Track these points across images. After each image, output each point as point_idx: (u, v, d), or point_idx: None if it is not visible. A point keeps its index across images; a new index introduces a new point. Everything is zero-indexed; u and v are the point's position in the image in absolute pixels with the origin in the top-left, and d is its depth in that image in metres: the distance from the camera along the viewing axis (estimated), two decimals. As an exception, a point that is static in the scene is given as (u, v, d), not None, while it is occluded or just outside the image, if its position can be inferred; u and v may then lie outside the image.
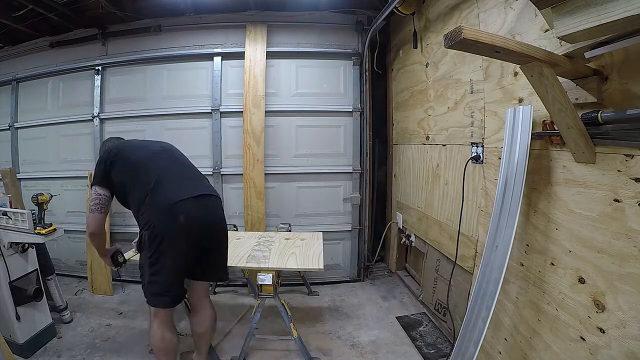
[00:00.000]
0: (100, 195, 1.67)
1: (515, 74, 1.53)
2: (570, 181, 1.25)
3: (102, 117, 3.10)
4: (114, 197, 1.75)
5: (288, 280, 3.04)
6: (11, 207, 2.36)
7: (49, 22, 3.07)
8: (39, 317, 2.16)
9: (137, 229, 3.27)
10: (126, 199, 1.71)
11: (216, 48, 3.03)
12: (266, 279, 1.87)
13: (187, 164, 1.84)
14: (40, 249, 2.28)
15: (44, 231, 2.02)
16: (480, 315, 1.51)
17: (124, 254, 1.92)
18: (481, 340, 1.46)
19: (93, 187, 1.68)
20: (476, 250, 1.88)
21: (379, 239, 3.39)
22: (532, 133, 1.40)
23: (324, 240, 2.27)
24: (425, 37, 2.47)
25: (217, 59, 3.01)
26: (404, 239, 2.96)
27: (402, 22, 2.87)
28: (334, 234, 3.13)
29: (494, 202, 1.57)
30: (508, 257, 1.43)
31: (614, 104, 1.07)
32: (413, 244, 2.82)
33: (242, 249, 2.12)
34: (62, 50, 3.20)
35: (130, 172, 1.65)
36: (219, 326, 1.88)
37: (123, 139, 1.98)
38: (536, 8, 1.16)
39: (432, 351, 2.07)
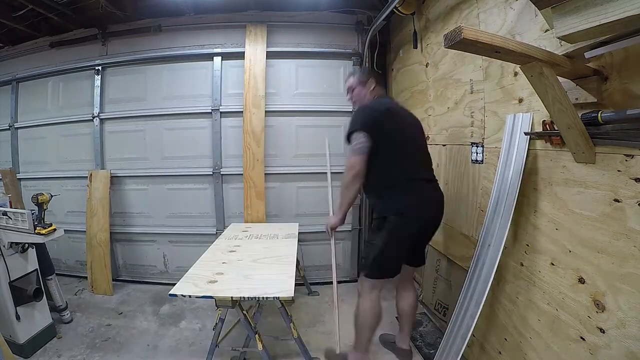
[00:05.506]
0: (364, 143, 1.65)
1: (515, 74, 1.53)
2: (570, 181, 1.25)
3: (102, 117, 3.10)
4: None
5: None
6: (11, 207, 2.37)
7: (49, 22, 3.07)
8: (39, 317, 2.16)
9: (136, 229, 3.25)
10: (373, 165, 1.69)
11: (216, 48, 3.02)
12: None
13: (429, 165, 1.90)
14: (40, 249, 2.28)
15: (44, 231, 2.02)
16: (469, 311, 1.53)
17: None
18: (469, 335, 1.48)
19: (357, 132, 1.67)
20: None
21: (379, 239, 3.38)
22: (532, 133, 1.40)
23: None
24: (425, 37, 2.47)
25: (217, 59, 3.01)
26: (404, 239, 2.95)
27: (402, 22, 2.87)
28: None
29: (488, 205, 1.60)
30: (499, 256, 1.46)
31: (614, 104, 1.07)
32: (413, 244, 2.82)
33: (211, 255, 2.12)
34: (62, 50, 3.19)
35: (397, 146, 1.70)
36: (218, 327, 1.88)
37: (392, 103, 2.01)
38: (536, 8, 1.16)
39: (432, 351, 2.07)
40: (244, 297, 1.63)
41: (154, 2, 2.86)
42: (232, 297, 1.62)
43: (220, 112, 3.02)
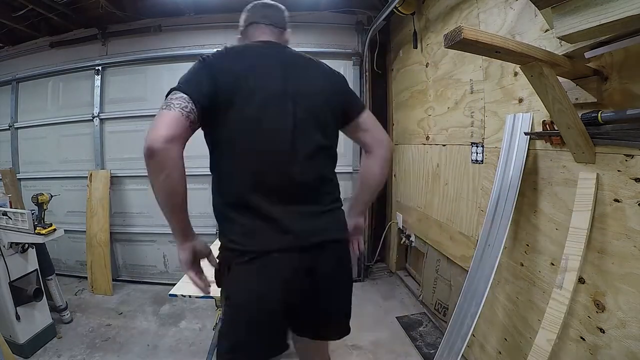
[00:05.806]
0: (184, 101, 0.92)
1: (515, 74, 1.53)
2: (570, 181, 1.25)
3: (102, 117, 3.10)
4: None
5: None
6: (11, 207, 2.36)
7: (49, 22, 3.06)
8: (39, 317, 2.16)
9: (136, 229, 3.24)
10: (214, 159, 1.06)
11: (216, 48, 3.01)
12: None
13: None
14: (40, 249, 2.28)
15: (44, 231, 2.02)
16: (469, 311, 1.53)
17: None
18: (469, 335, 1.48)
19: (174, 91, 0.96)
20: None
21: (379, 239, 3.38)
22: (532, 133, 1.41)
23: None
24: (425, 37, 2.47)
25: (218, 59, 3.01)
26: (404, 239, 2.96)
27: (402, 22, 2.87)
28: (334, 234, 3.14)
29: (488, 205, 1.60)
30: (500, 255, 1.46)
31: (614, 104, 1.07)
32: (413, 244, 2.82)
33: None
34: (62, 50, 3.19)
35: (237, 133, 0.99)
36: (218, 326, 1.88)
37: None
38: (536, 8, 1.16)
39: (432, 351, 2.07)
40: None
41: (154, 2, 2.86)
42: None
43: (220, 112, 3.02)
